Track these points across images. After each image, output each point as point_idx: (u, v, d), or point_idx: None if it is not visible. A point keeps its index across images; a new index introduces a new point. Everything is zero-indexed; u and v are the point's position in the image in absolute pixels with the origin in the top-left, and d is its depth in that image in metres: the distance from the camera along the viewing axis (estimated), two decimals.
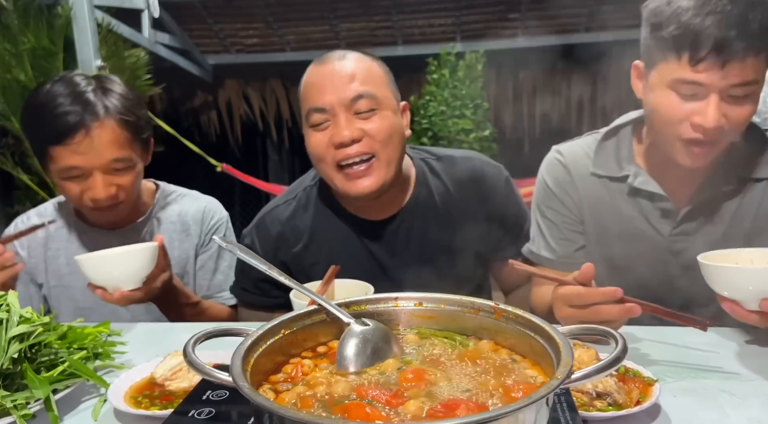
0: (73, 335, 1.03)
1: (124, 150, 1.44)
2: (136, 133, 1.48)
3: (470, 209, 1.50)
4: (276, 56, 6.12)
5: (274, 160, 7.85)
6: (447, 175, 1.52)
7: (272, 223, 1.53)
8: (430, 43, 5.82)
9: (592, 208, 1.43)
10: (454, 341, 0.84)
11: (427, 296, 0.87)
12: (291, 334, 0.80)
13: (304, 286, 0.87)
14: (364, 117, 1.33)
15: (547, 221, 1.47)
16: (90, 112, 1.40)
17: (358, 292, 1.29)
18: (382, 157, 1.35)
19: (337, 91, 1.32)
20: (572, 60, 6.32)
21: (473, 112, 5.07)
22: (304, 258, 1.50)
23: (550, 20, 5.60)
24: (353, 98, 1.32)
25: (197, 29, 5.75)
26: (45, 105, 1.41)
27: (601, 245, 1.43)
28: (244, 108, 7.08)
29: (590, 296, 1.08)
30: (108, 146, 1.41)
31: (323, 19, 5.61)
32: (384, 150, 1.35)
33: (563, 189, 1.45)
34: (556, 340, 0.70)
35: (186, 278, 1.64)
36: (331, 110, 1.33)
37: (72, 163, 1.39)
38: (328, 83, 1.34)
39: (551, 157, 1.49)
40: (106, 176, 1.42)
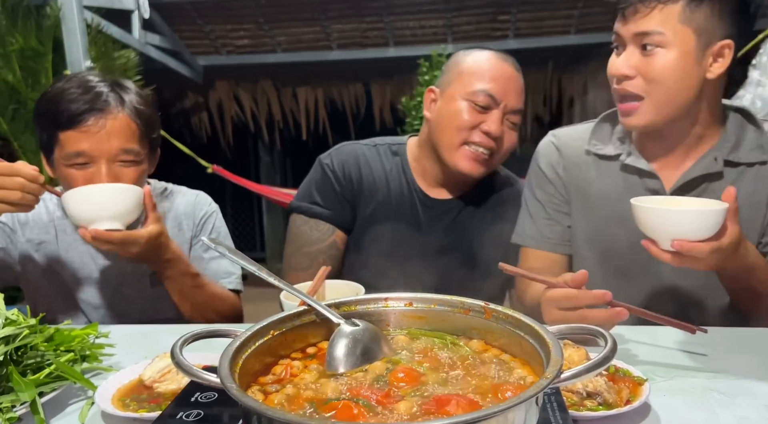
0: (60, 337, 1.02)
1: (132, 142, 1.46)
2: (147, 128, 1.50)
3: (503, 211, 1.64)
4: (267, 57, 6.09)
5: (265, 162, 7.83)
6: (502, 185, 1.71)
7: (351, 153, 1.66)
8: (421, 45, 5.81)
9: (580, 191, 1.47)
10: (444, 340, 0.84)
11: (417, 296, 0.87)
12: (280, 335, 0.80)
13: (293, 287, 0.87)
14: (511, 127, 1.55)
15: (534, 203, 1.53)
16: (103, 101, 1.43)
17: (348, 293, 1.29)
18: (497, 159, 1.56)
19: (509, 94, 1.52)
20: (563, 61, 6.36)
21: None
22: (363, 195, 1.63)
23: (540, 22, 5.63)
24: (513, 111, 1.53)
25: (188, 30, 5.72)
26: (59, 94, 1.44)
27: (588, 228, 1.46)
28: (235, 109, 7.05)
29: (579, 299, 1.08)
30: (117, 135, 1.43)
31: (314, 20, 5.60)
32: (500, 158, 1.57)
33: (553, 169, 1.51)
34: (546, 340, 0.70)
35: None
36: (496, 102, 1.50)
37: (80, 148, 1.41)
38: (503, 81, 1.52)
39: (545, 140, 1.57)
40: (111, 167, 1.43)
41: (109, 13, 4.29)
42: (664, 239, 1.06)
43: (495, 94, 1.50)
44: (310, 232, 1.63)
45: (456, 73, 1.56)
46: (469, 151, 1.52)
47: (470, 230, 1.65)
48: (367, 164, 1.65)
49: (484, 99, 1.50)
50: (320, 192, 1.64)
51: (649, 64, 1.24)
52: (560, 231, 1.50)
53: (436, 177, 1.64)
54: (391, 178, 1.65)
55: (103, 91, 1.45)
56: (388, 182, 1.65)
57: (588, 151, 1.46)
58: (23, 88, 3.76)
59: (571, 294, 1.09)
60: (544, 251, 1.50)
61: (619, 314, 1.05)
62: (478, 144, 1.52)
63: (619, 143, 1.43)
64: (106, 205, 1.31)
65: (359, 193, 1.63)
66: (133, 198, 1.35)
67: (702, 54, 1.23)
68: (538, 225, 1.51)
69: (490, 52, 1.57)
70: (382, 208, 1.63)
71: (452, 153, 1.54)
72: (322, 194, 1.64)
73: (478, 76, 1.52)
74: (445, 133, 1.55)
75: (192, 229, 1.68)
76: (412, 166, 1.67)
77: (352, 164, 1.64)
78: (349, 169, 1.63)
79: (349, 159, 1.65)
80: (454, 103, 1.53)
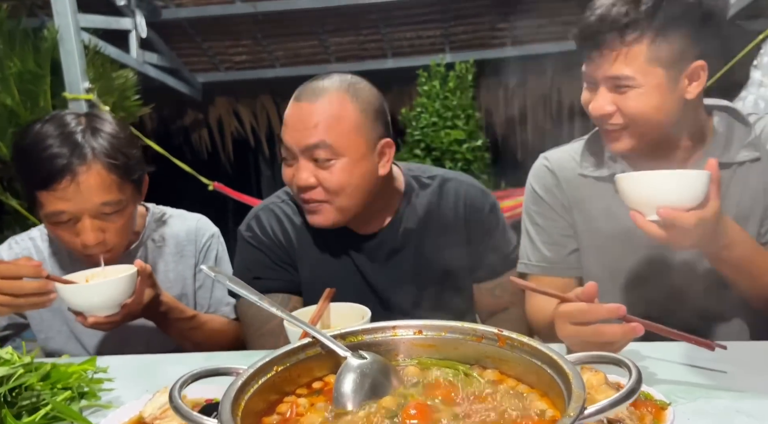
0: (57, 374, 0.98)
1: (112, 193, 1.39)
2: (126, 174, 1.43)
3: (453, 229, 1.52)
4: (266, 72, 6.10)
5: (267, 176, 7.81)
6: (433, 193, 1.54)
7: (268, 217, 1.54)
8: (419, 55, 5.81)
9: (582, 211, 1.43)
10: (457, 370, 0.80)
11: (427, 323, 0.83)
12: (284, 370, 0.76)
13: (297, 318, 0.83)
14: (320, 165, 1.34)
15: (536, 227, 1.48)
16: (77, 155, 1.35)
17: (354, 316, 1.25)
18: (335, 204, 1.37)
19: (298, 135, 1.33)
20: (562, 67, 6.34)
21: (465, 123, 5.06)
22: (297, 254, 1.52)
23: (538, 29, 5.61)
24: (311, 146, 1.32)
25: (185, 48, 5.73)
26: (33, 146, 1.37)
27: (596, 247, 1.42)
28: (235, 125, 7.04)
29: (593, 313, 1.04)
30: (95, 191, 1.37)
31: (312, 35, 5.60)
32: (336, 199, 1.36)
33: (551, 193, 1.46)
34: (565, 370, 0.66)
35: (184, 299, 1.61)
36: (293, 151, 1.35)
37: (59, 208, 1.36)
38: (292, 123, 1.35)
39: (538, 164, 1.52)
40: (95, 221, 1.38)
41: (106, 33, 4.30)
42: (649, 207, 1.06)
43: (288, 144, 1.35)
44: (261, 311, 1.48)
45: None
46: (307, 209, 1.40)
47: (414, 253, 1.51)
48: (290, 221, 1.52)
49: (285, 152, 1.38)
50: (256, 266, 1.51)
51: (625, 102, 1.24)
52: (565, 255, 1.45)
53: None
54: (317, 229, 1.47)
55: (78, 142, 1.37)
56: (315, 235, 1.50)
57: (582, 175, 1.43)
58: (22, 111, 3.75)
59: (584, 308, 1.06)
60: (552, 277, 1.46)
61: (635, 330, 1.02)
62: (303, 201, 1.39)
63: (612, 162, 1.40)
64: (103, 299, 1.28)
65: (293, 253, 1.51)
66: (129, 284, 1.31)
67: (675, 81, 1.22)
68: (542, 251, 1.46)
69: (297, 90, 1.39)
70: (319, 262, 1.50)
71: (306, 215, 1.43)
72: (259, 267, 1.50)
73: (282, 126, 1.40)
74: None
75: (195, 255, 1.65)
76: None
77: (276, 227, 1.52)
78: (274, 232, 1.51)
79: (270, 222, 1.52)
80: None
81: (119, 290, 1.29)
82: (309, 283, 1.51)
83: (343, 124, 1.33)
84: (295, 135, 1.34)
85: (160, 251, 1.62)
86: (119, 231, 1.44)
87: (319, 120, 1.32)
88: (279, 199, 1.58)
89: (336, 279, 1.42)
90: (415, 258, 1.51)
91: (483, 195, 1.57)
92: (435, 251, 1.51)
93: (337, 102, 1.33)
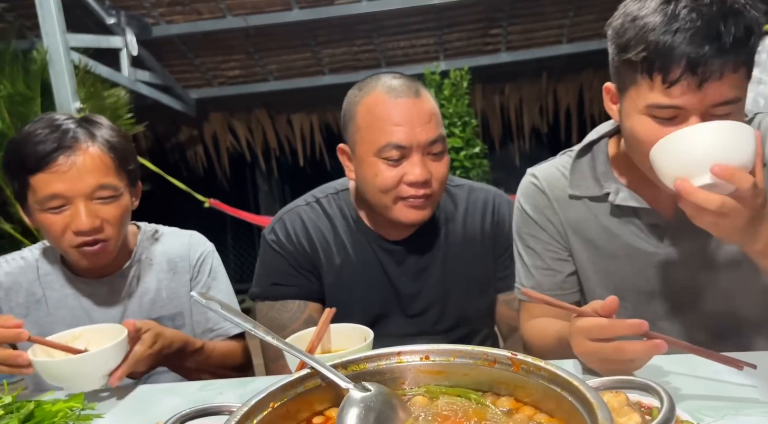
0: (41, 413, 0.92)
1: (107, 176, 1.37)
2: (121, 160, 1.41)
3: (478, 238, 1.53)
4: (259, 86, 6.06)
5: (264, 191, 7.76)
6: (462, 201, 1.56)
7: (293, 221, 1.51)
8: (413, 64, 5.78)
9: (578, 232, 1.32)
10: (468, 398, 0.74)
11: (434, 348, 0.77)
12: (281, 406, 0.70)
13: (293, 347, 0.77)
14: (434, 159, 1.37)
15: (529, 251, 1.38)
16: (71, 138, 1.34)
17: (356, 337, 1.19)
18: (435, 198, 1.41)
19: (417, 132, 1.33)
20: (557, 71, 6.33)
21: (462, 130, 5.00)
22: (320, 261, 1.50)
23: (532, 33, 5.60)
24: (431, 141, 1.35)
25: (178, 64, 5.69)
26: (25, 138, 1.35)
27: (598, 269, 1.32)
28: (230, 140, 7.01)
29: (613, 329, 0.97)
30: (90, 171, 1.34)
31: (304, 47, 5.57)
32: (440, 192, 1.42)
33: (543, 215, 1.35)
34: (588, 398, 0.60)
35: (180, 317, 1.55)
36: (408, 148, 1.34)
37: (53, 190, 1.31)
38: (407, 120, 1.33)
39: (526, 182, 1.40)
40: (89, 205, 1.34)
41: (96, 52, 4.26)
42: (699, 166, 0.90)
43: (403, 143, 1.33)
44: (280, 315, 1.47)
45: (356, 129, 1.40)
46: (405, 205, 1.37)
47: (442, 260, 1.50)
48: (315, 226, 1.50)
49: (394, 152, 1.33)
50: (277, 271, 1.50)
51: None
52: (560, 281, 1.35)
53: (386, 219, 1.45)
54: (344, 231, 1.50)
55: (71, 128, 1.37)
56: (342, 237, 1.50)
57: (573, 196, 1.32)
58: (13, 133, 3.69)
59: (604, 324, 0.98)
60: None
61: (659, 347, 0.94)
62: (411, 196, 1.36)
63: (604, 179, 1.28)
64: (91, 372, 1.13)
65: (317, 259, 1.49)
66: (120, 350, 1.19)
67: None
68: (536, 277, 1.36)
69: (380, 89, 1.37)
70: (345, 267, 1.49)
71: (389, 212, 1.39)
72: (279, 273, 1.49)
73: (378, 128, 1.34)
74: (373, 196, 1.39)
75: (189, 270, 1.59)
76: (362, 212, 1.52)
77: (300, 232, 1.50)
78: (297, 238, 1.49)
79: (295, 227, 1.50)
80: (367, 166, 1.37)
81: (109, 358, 1.15)
82: (334, 287, 1.49)
83: (439, 116, 1.40)
84: (413, 132, 1.33)
85: (152, 268, 1.56)
86: (113, 222, 1.39)
87: (431, 114, 1.36)
88: (305, 202, 1.56)
89: (362, 284, 1.45)
90: (443, 265, 1.51)
91: (509, 206, 1.55)
92: (462, 258, 1.52)
93: (431, 97, 1.40)
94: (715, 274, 1.23)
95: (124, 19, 4.53)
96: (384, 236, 1.50)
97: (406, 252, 1.50)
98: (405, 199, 1.36)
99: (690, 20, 0.99)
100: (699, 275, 1.25)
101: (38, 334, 1.46)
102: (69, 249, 1.38)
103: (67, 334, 1.24)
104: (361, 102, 1.39)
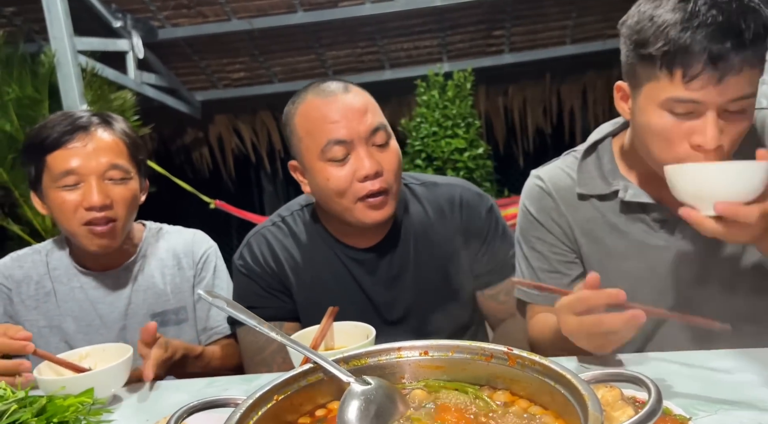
0: (53, 408, 0.95)
1: (120, 158, 1.46)
2: (133, 149, 1.51)
3: (449, 236, 1.48)
4: (264, 88, 6.11)
5: (269, 192, 7.80)
6: (427, 200, 1.52)
7: (260, 243, 1.51)
8: (417, 65, 5.81)
9: (587, 232, 1.32)
10: (466, 392, 0.76)
11: (433, 343, 0.80)
12: (285, 399, 0.72)
13: (297, 343, 0.80)
14: (380, 150, 1.35)
15: (534, 253, 1.37)
16: (88, 121, 1.46)
17: (358, 335, 1.22)
18: (393, 192, 1.37)
19: (355, 124, 1.31)
20: (560, 72, 6.34)
21: (465, 131, 5.03)
22: (290, 280, 1.48)
23: (535, 34, 5.61)
24: (372, 131, 1.33)
25: (183, 67, 5.74)
26: (44, 124, 1.47)
27: (607, 268, 1.31)
28: (235, 142, 7.05)
29: (592, 299, 1.00)
30: (104, 151, 1.44)
31: (308, 49, 5.61)
32: (394, 185, 1.37)
33: (549, 217, 1.35)
34: (579, 390, 0.62)
35: (183, 312, 1.60)
36: (351, 143, 1.31)
37: (68, 166, 1.40)
38: (343, 116, 1.31)
39: (531, 185, 1.40)
40: (102, 184, 1.42)
41: (103, 55, 4.30)
42: (705, 201, 0.95)
43: (343, 137, 1.30)
44: (257, 338, 1.46)
45: (298, 140, 1.37)
46: (365, 206, 1.34)
47: (415, 262, 1.48)
48: (281, 246, 1.49)
49: (337, 150, 1.31)
50: (249, 295, 1.49)
51: (733, 126, 1.08)
52: (567, 283, 1.34)
53: (356, 228, 1.42)
54: (312, 247, 1.48)
55: (86, 116, 1.48)
56: (311, 253, 1.48)
57: (581, 195, 1.32)
58: (21, 136, 3.75)
59: (584, 295, 1.01)
60: (550, 305, 1.34)
61: (636, 317, 0.96)
62: (368, 194, 1.32)
63: (611, 177, 1.29)
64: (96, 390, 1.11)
65: (286, 279, 1.48)
66: (125, 369, 1.20)
67: None
68: (542, 279, 1.35)
69: (310, 95, 1.36)
70: (316, 283, 1.47)
71: (351, 215, 1.35)
72: (251, 296, 1.48)
73: (316, 130, 1.32)
74: (331, 202, 1.36)
75: (192, 267, 1.64)
76: (327, 223, 1.49)
77: (267, 253, 1.49)
78: (265, 260, 1.48)
79: (261, 249, 1.49)
80: (316, 173, 1.34)
81: (107, 381, 1.15)
82: (307, 304, 1.47)
83: (376, 106, 1.38)
84: (351, 125, 1.31)
85: (157, 264, 1.62)
86: (123, 203, 1.46)
87: (365, 105, 1.34)
88: (271, 222, 1.55)
89: (336, 297, 1.40)
90: (416, 269, 1.47)
91: (479, 197, 1.53)
92: (435, 259, 1.48)
93: (362, 91, 1.38)
94: (729, 264, 1.23)
95: (130, 22, 4.58)
96: (353, 245, 1.47)
97: (376, 260, 1.47)
98: (363, 200, 1.33)
99: (711, 16, 1.02)
100: (712, 266, 1.24)
101: (48, 326, 1.54)
102: (79, 228, 1.43)
103: (74, 353, 1.26)
104: (297, 112, 1.37)
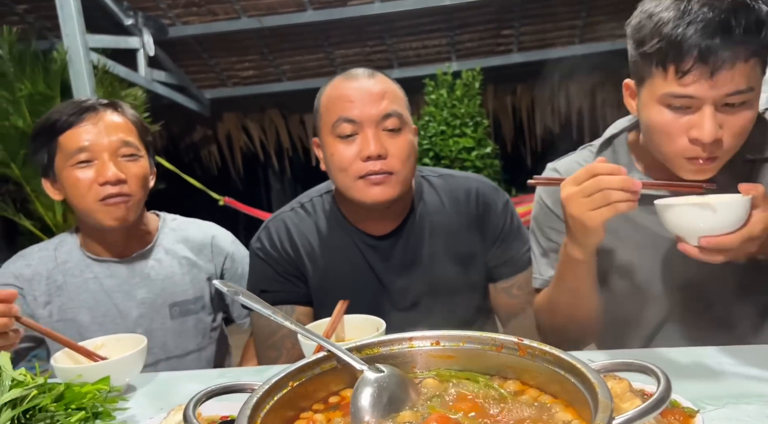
0: (71, 394, 0.97)
1: (131, 136, 1.51)
2: (142, 131, 1.56)
3: (464, 227, 1.51)
4: (273, 87, 6.13)
5: (276, 190, 7.84)
6: (444, 191, 1.55)
7: (278, 228, 1.54)
8: (425, 64, 5.83)
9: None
10: (477, 382, 0.77)
11: (444, 334, 0.81)
12: (300, 386, 0.74)
13: (312, 332, 0.82)
14: (390, 135, 1.38)
15: (551, 244, 1.40)
16: (97, 103, 1.52)
17: (369, 327, 1.23)
18: (399, 176, 1.39)
19: (369, 107, 1.36)
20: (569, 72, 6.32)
21: (473, 130, 5.04)
22: (305, 265, 1.51)
23: (544, 34, 5.61)
24: (384, 116, 1.37)
25: (193, 65, 5.78)
26: (54, 109, 1.52)
27: (621, 259, 1.35)
28: (243, 140, 7.09)
29: (598, 168, 1.06)
30: (116, 129, 1.49)
31: (317, 47, 5.63)
32: (402, 170, 1.39)
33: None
34: (589, 379, 0.63)
35: (200, 301, 1.62)
36: (360, 124, 1.36)
37: (81, 143, 1.44)
38: (358, 97, 1.37)
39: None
40: (115, 161, 1.46)
41: (114, 53, 4.34)
42: (690, 236, 1.02)
43: (353, 117, 1.35)
44: (269, 322, 1.44)
45: (319, 117, 1.44)
46: (366, 183, 1.37)
47: (429, 252, 1.50)
48: (299, 231, 1.52)
49: (346, 127, 1.36)
50: (263, 279, 1.52)
51: (734, 121, 1.09)
52: None
53: (368, 212, 1.46)
54: (328, 232, 1.52)
55: (93, 100, 1.54)
56: (327, 238, 1.51)
57: None
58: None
59: (590, 167, 1.07)
60: None
61: (633, 183, 1.03)
62: (369, 173, 1.36)
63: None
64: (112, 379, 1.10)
65: (302, 264, 1.51)
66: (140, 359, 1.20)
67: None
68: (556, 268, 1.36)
69: (339, 78, 1.43)
70: (331, 268, 1.50)
71: (352, 193, 1.39)
72: (266, 280, 1.52)
73: (333, 107, 1.38)
74: (336, 178, 1.41)
75: (211, 258, 1.67)
76: (344, 209, 1.52)
77: (284, 238, 1.52)
78: (282, 245, 1.51)
79: (279, 234, 1.52)
80: (326, 147, 1.41)
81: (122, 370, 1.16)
82: (321, 289, 1.50)
83: (400, 98, 1.43)
84: (364, 107, 1.36)
85: (174, 253, 1.63)
86: (136, 180, 1.50)
87: (385, 92, 1.39)
88: (290, 208, 1.58)
89: (349, 282, 1.44)
90: (430, 258, 1.50)
91: (495, 192, 1.56)
92: (449, 249, 1.50)
93: (388, 79, 1.44)
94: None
95: (141, 20, 4.62)
96: (368, 231, 1.50)
97: (391, 247, 1.50)
98: (364, 178, 1.36)
99: (702, 13, 1.05)
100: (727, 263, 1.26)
101: (62, 319, 1.55)
102: (94, 203, 1.46)
103: (89, 344, 1.27)
104: (324, 92, 1.44)
